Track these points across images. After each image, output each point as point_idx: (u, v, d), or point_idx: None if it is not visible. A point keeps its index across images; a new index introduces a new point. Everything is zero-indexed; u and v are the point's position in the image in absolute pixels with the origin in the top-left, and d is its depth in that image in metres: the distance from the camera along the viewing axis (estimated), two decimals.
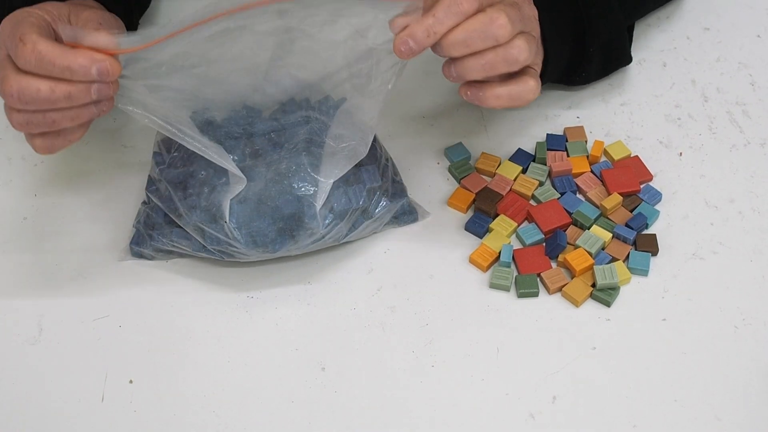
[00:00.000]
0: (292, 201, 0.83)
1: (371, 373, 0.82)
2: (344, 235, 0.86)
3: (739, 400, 0.80)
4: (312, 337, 0.84)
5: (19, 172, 0.94)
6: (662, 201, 0.92)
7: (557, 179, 0.93)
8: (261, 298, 0.86)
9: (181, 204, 0.84)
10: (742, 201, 0.92)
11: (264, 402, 0.81)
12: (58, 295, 0.86)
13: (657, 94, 1.00)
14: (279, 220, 0.83)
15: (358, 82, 0.82)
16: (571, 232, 0.89)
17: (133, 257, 0.88)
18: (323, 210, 0.83)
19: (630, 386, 0.81)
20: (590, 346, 0.84)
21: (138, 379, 0.82)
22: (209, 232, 0.83)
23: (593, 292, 0.86)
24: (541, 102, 0.99)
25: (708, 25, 1.06)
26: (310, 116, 0.86)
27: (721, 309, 0.85)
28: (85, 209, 0.92)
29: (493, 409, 0.80)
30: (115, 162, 0.95)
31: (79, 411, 0.80)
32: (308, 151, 0.84)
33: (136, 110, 0.78)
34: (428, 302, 0.86)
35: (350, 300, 0.86)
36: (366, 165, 0.87)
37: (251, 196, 0.83)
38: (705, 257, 0.89)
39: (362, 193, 0.86)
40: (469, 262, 0.88)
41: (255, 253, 0.83)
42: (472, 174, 0.93)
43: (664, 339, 0.84)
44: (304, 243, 0.84)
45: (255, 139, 0.85)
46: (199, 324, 0.85)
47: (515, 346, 0.84)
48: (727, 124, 0.98)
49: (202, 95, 0.83)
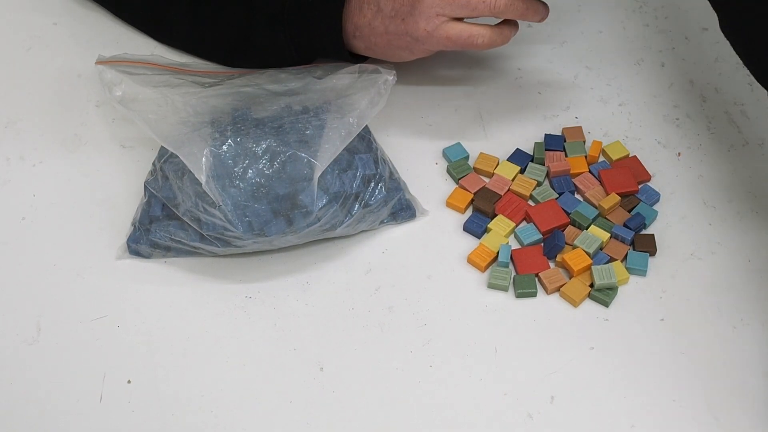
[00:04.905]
0: (287, 181, 0.83)
1: (369, 373, 0.82)
2: (341, 221, 0.86)
3: (737, 400, 0.80)
4: (310, 337, 0.84)
5: (18, 172, 0.94)
6: (660, 201, 0.92)
7: (555, 179, 0.93)
8: (259, 298, 0.86)
9: (180, 192, 0.84)
10: (740, 201, 0.92)
11: (262, 402, 0.81)
12: (56, 296, 0.86)
13: (655, 94, 1.00)
14: (274, 202, 0.83)
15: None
16: (570, 232, 0.89)
17: (131, 255, 0.88)
18: (319, 191, 0.83)
19: (628, 386, 0.81)
20: (588, 346, 0.84)
21: (136, 379, 0.82)
22: (206, 218, 0.83)
23: (591, 292, 0.86)
24: (539, 102, 0.99)
25: (706, 26, 1.06)
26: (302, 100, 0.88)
27: (719, 309, 0.85)
28: (84, 209, 0.91)
29: (491, 409, 0.80)
30: (114, 162, 0.95)
31: (78, 411, 0.80)
32: (301, 133, 0.85)
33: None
34: (426, 302, 0.86)
35: (348, 300, 0.86)
36: (360, 153, 0.88)
37: (246, 179, 0.83)
38: (703, 257, 0.89)
39: (356, 179, 0.86)
40: (468, 262, 0.88)
41: (250, 236, 0.83)
42: (470, 174, 0.93)
43: (662, 339, 0.84)
44: (299, 225, 0.84)
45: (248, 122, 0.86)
46: (197, 324, 0.85)
47: (513, 346, 0.84)
48: (726, 125, 0.98)
49: None
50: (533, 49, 1.02)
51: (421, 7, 0.88)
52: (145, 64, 0.91)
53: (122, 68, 0.90)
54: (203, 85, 0.91)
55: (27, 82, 1.00)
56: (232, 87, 0.90)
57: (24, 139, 0.96)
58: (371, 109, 0.87)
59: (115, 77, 0.89)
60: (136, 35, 1.03)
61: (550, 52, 1.04)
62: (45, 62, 1.02)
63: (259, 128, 0.85)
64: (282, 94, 0.89)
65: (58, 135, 0.96)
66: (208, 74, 0.94)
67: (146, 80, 0.90)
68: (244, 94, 0.89)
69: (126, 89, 0.89)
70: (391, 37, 0.90)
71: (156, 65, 0.92)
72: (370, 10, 0.90)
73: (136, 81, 0.89)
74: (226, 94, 0.89)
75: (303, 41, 0.93)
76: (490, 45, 0.90)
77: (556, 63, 1.03)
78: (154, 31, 1.02)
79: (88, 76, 0.99)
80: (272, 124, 0.86)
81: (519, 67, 1.02)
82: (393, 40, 0.91)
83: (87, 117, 0.98)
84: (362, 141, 0.89)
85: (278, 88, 0.90)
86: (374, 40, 0.91)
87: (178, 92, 0.89)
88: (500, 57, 0.92)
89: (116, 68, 0.90)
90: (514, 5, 0.88)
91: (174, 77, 0.91)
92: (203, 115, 0.87)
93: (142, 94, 0.89)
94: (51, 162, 0.95)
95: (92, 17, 1.05)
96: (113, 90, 0.89)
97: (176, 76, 0.91)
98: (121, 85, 0.89)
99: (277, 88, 0.90)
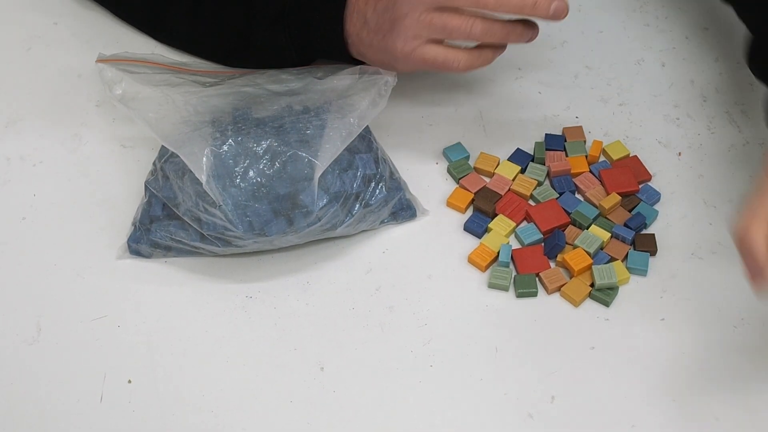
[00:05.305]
0: (287, 181, 0.83)
1: (370, 373, 0.82)
2: (341, 221, 0.86)
3: (737, 400, 0.80)
4: (311, 337, 0.84)
5: (18, 172, 0.94)
6: (661, 201, 0.92)
7: (556, 179, 0.93)
8: (259, 298, 0.86)
9: (180, 192, 0.84)
10: (740, 201, 0.92)
11: (263, 402, 0.81)
12: (56, 296, 0.86)
13: (656, 93, 1.00)
14: (274, 201, 0.83)
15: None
16: (570, 231, 0.89)
17: (131, 255, 0.88)
18: (319, 190, 0.83)
19: (628, 386, 0.81)
20: (589, 345, 0.84)
21: (136, 379, 0.82)
22: (206, 218, 0.83)
23: (592, 291, 0.86)
24: (539, 102, 0.99)
25: (707, 25, 1.06)
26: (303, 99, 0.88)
27: (719, 309, 0.85)
28: (83, 209, 0.91)
29: (491, 409, 0.80)
30: (115, 162, 0.95)
31: (78, 411, 0.80)
32: (302, 133, 0.85)
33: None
34: (427, 302, 0.86)
35: (349, 300, 0.86)
36: (361, 153, 0.88)
37: (246, 179, 0.83)
38: (704, 257, 0.89)
39: (357, 179, 0.86)
40: (468, 261, 0.88)
41: (251, 236, 0.83)
42: (470, 174, 0.93)
43: (662, 339, 0.84)
44: (300, 225, 0.84)
45: (249, 122, 0.86)
46: (197, 324, 0.85)
47: (514, 346, 0.84)
48: (726, 124, 0.98)
49: None
50: (533, 49, 1.02)
51: (400, 27, 0.87)
52: (145, 63, 0.91)
53: (122, 67, 0.90)
54: (204, 85, 0.91)
55: (27, 82, 1.00)
56: (233, 87, 0.90)
57: (24, 139, 0.96)
58: (372, 110, 0.87)
59: (116, 76, 0.89)
60: (137, 35, 1.03)
61: (550, 52, 1.04)
62: (45, 62, 1.02)
63: (259, 128, 0.85)
64: (283, 94, 0.89)
65: (58, 135, 0.96)
66: (209, 74, 0.94)
67: (147, 79, 0.90)
68: (245, 94, 0.89)
69: (126, 88, 0.89)
70: (375, 50, 0.90)
71: (156, 64, 0.92)
72: (359, 21, 0.90)
73: (136, 80, 0.89)
74: (227, 93, 0.89)
75: (303, 42, 0.93)
76: (468, 68, 0.89)
77: (556, 63, 1.03)
78: (154, 30, 1.02)
79: (88, 75, 0.99)
80: (273, 123, 0.86)
81: (519, 67, 1.02)
82: (377, 54, 0.90)
83: (87, 117, 0.98)
84: (363, 141, 0.89)
85: (279, 88, 0.90)
86: (362, 50, 0.91)
87: (178, 91, 0.89)
88: (500, 57, 0.92)
89: (116, 67, 0.90)
90: (492, 30, 0.87)
91: (175, 76, 0.91)
92: (204, 115, 0.87)
93: (142, 93, 0.89)
94: (51, 162, 0.95)
95: (93, 17, 1.05)
96: (113, 88, 0.89)
97: (177, 75, 0.91)
98: (122, 84, 0.89)
99: (277, 88, 0.90)
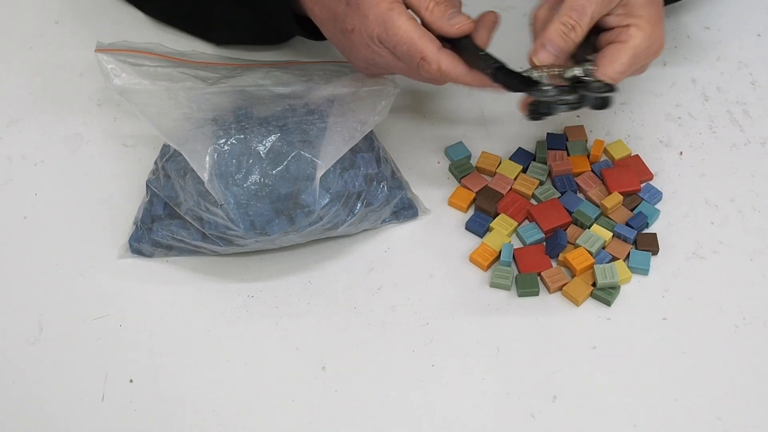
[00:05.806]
0: (289, 180, 0.83)
1: (372, 373, 0.82)
2: (343, 220, 0.86)
3: (739, 399, 0.80)
4: (312, 336, 0.84)
5: (20, 171, 0.94)
6: (663, 200, 0.92)
7: (557, 178, 0.93)
8: (261, 297, 0.86)
9: (182, 191, 0.84)
10: (742, 200, 0.92)
11: (264, 401, 0.81)
12: (58, 295, 0.86)
13: (657, 93, 1.00)
14: (276, 201, 0.83)
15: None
16: (572, 231, 0.89)
17: (133, 254, 0.88)
18: (321, 190, 0.83)
19: (630, 386, 0.81)
20: (590, 345, 0.84)
21: (138, 379, 0.82)
22: (208, 217, 0.83)
23: (594, 291, 0.86)
24: None
25: (708, 24, 1.06)
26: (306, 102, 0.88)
27: (721, 308, 0.85)
28: (85, 209, 0.91)
29: (493, 409, 0.80)
30: (116, 161, 0.95)
31: (80, 410, 0.80)
32: (305, 133, 0.85)
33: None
34: (428, 301, 0.86)
35: (351, 299, 0.86)
36: (362, 152, 0.88)
37: (249, 178, 0.83)
38: (705, 256, 0.89)
39: (358, 178, 0.86)
40: (470, 261, 0.88)
41: (253, 235, 0.83)
42: (472, 173, 0.93)
43: (664, 338, 0.84)
44: (301, 224, 0.84)
45: (252, 121, 0.86)
46: (199, 323, 0.85)
47: (515, 345, 0.84)
48: (728, 123, 0.98)
49: None
50: None
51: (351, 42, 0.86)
52: (144, 53, 0.91)
53: (122, 57, 0.90)
54: (206, 81, 0.90)
55: (29, 81, 1.00)
56: (235, 86, 0.90)
57: (25, 138, 0.96)
58: (375, 117, 0.87)
59: (116, 66, 0.89)
60: (139, 33, 1.03)
61: None
62: (47, 61, 1.02)
63: (263, 127, 0.85)
64: (285, 96, 0.89)
65: (59, 134, 0.96)
66: (209, 65, 0.93)
67: (147, 72, 0.89)
68: (248, 94, 0.89)
69: (126, 78, 0.88)
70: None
71: (156, 54, 0.91)
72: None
73: (136, 72, 0.89)
74: (230, 92, 0.89)
75: (263, 16, 0.93)
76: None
77: None
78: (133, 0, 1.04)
79: (89, 74, 0.99)
80: (276, 123, 0.86)
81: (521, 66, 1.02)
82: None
83: (89, 116, 0.98)
84: (364, 140, 0.89)
85: (282, 90, 0.90)
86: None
87: (180, 87, 0.89)
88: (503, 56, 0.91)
89: (116, 57, 0.89)
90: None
91: (176, 71, 0.90)
92: (206, 112, 0.87)
93: (142, 85, 0.88)
94: (53, 161, 0.95)
95: (94, 15, 1.05)
96: (112, 79, 0.88)
97: (178, 69, 0.91)
98: (121, 75, 0.88)
99: (280, 90, 0.90)
